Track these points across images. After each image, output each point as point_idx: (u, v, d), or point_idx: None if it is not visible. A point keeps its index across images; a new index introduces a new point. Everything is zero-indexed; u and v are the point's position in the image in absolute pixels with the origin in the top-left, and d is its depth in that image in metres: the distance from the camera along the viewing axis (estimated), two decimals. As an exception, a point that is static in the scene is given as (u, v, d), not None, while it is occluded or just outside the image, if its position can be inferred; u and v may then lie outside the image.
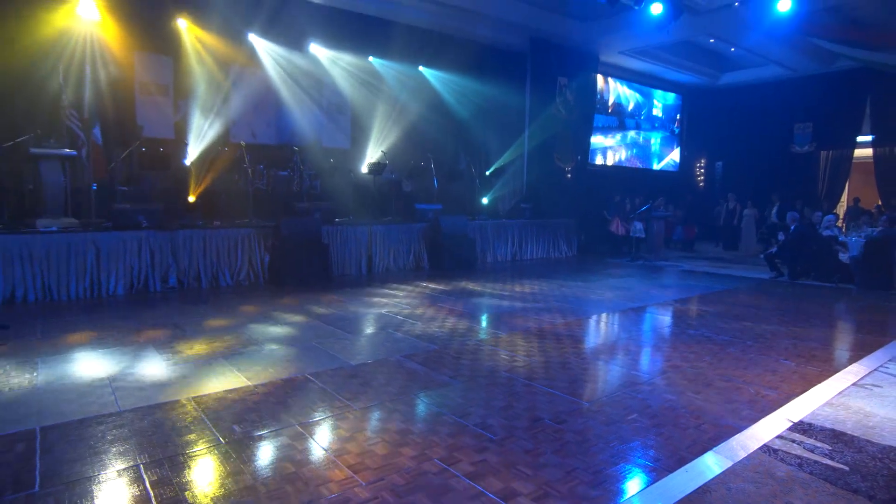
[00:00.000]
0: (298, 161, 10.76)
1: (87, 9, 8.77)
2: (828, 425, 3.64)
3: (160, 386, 4.11)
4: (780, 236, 10.88)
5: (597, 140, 15.78)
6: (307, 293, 7.89)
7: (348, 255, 9.82)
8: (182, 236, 8.09)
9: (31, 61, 8.46)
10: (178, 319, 6.18)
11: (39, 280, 7.06)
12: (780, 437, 3.44)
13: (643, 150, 17.21)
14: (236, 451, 3.11)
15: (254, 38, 10.65)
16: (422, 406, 3.83)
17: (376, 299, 7.59)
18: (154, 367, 4.53)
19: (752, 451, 3.24)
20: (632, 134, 16.73)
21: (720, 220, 16.05)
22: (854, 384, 4.48)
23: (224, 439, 3.25)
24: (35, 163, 7.67)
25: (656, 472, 2.96)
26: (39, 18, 8.42)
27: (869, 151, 14.98)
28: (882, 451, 3.29)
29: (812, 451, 3.24)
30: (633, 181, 16.65)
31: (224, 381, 4.22)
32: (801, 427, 3.60)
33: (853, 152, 15.31)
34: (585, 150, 15.01)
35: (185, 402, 3.81)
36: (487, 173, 13.69)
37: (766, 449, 3.27)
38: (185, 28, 9.92)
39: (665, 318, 6.93)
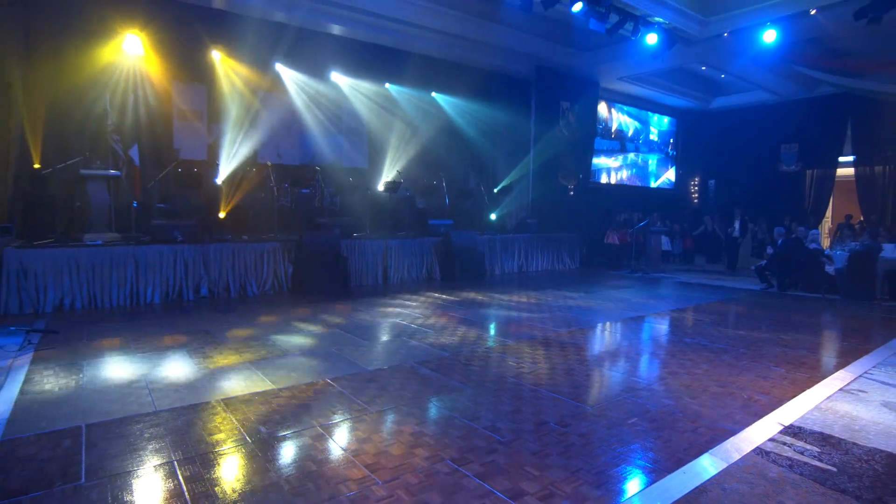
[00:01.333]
0: (320, 180, 10.83)
1: (132, 44, 8.98)
2: (816, 429, 3.59)
3: (193, 388, 4.13)
4: (769, 250, 10.79)
5: (601, 161, 16.08)
6: (327, 302, 7.91)
7: (365, 267, 9.84)
8: (213, 249, 8.16)
9: (83, 91, 8.68)
10: (208, 327, 6.23)
11: (85, 289, 7.16)
12: (772, 439, 3.39)
13: (641, 170, 17.51)
14: (262, 449, 3.12)
15: (280, 68, 10.79)
16: (434, 410, 3.82)
17: (391, 309, 7.60)
18: (187, 371, 4.56)
19: (745, 453, 3.20)
20: (631, 156, 17.07)
21: (703, 239, 15.98)
22: (841, 389, 4.41)
23: (251, 439, 3.26)
24: (83, 182, 7.83)
25: (655, 472, 2.93)
26: (90, 53, 8.63)
27: (851, 171, 14.90)
28: (868, 453, 3.23)
29: (802, 454, 3.20)
30: (631, 198, 16.65)
31: (250, 385, 4.23)
32: (791, 430, 3.55)
33: (836, 171, 15.24)
34: (587, 169, 15.01)
35: (215, 403, 3.83)
36: (495, 191, 13.70)
37: (759, 451, 3.22)
38: (219, 59, 10.09)
39: (663, 327, 6.87)
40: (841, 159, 15.04)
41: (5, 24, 7.74)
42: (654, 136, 17.78)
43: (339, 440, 3.28)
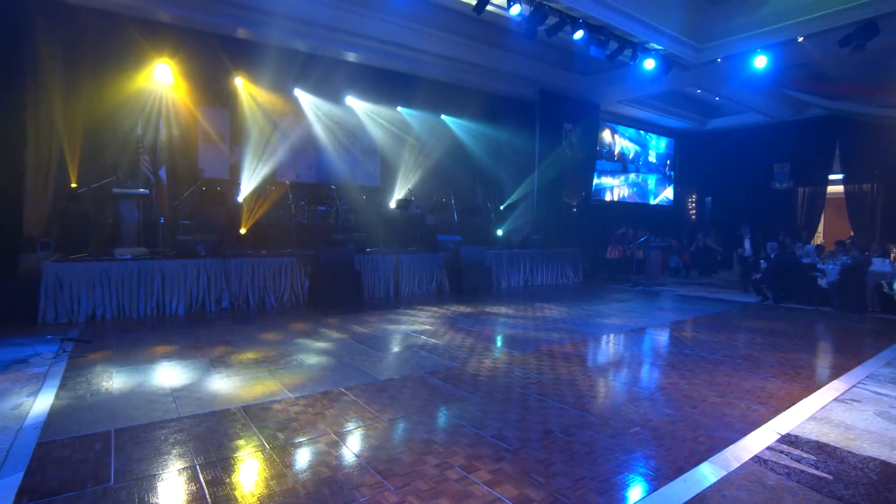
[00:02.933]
0: (335, 198, 10.90)
1: (163, 73, 9.15)
2: (813, 437, 3.53)
3: (214, 396, 4.14)
4: (763, 264, 10.70)
5: (605, 181, 16.30)
6: (341, 314, 7.92)
7: (378, 281, 9.86)
8: (234, 264, 8.22)
9: (117, 116, 8.87)
10: (229, 337, 6.25)
11: (115, 300, 7.24)
12: (769, 448, 3.34)
13: (641, 189, 17.75)
14: (280, 455, 3.12)
15: (299, 93, 10.93)
16: (443, 418, 3.80)
17: (402, 321, 7.59)
18: (209, 379, 4.58)
19: (744, 461, 3.15)
20: (632, 176, 17.34)
21: (698, 254, 15.90)
22: (835, 399, 4.35)
23: (269, 445, 3.26)
24: (116, 200, 7.95)
25: (657, 480, 2.89)
26: (125, 81, 8.81)
27: (841, 188, 14.84)
28: (862, 462, 3.18)
29: (799, 462, 3.15)
30: (632, 214, 16.64)
31: (269, 393, 4.24)
32: (788, 439, 3.49)
33: (826, 189, 15.19)
34: (589, 187, 15.02)
35: (235, 410, 3.83)
36: (502, 208, 13.72)
37: (757, 459, 3.18)
38: (241, 85, 10.24)
39: (663, 339, 6.82)
40: (831, 177, 15.02)
41: (52, 62, 7.93)
42: (652, 158, 18.08)
43: (353, 447, 3.27)
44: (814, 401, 4.30)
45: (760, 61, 9.95)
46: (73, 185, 8.31)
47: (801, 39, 9.48)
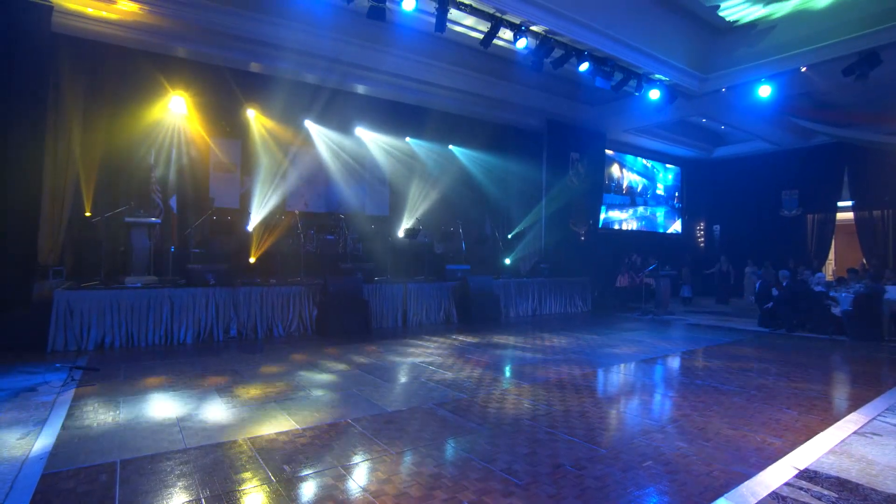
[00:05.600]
0: (344, 227, 10.98)
1: (177, 105, 9.40)
2: (833, 473, 3.43)
3: (220, 427, 4.11)
4: (775, 292, 10.57)
5: (614, 214, 16.35)
6: (349, 344, 7.89)
7: (386, 310, 9.83)
8: (242, 292, 8.24)
9: (132, 147, 9.09)
10: (237, 366, 6.23)
11: (124, 329, 7.26)
12: (787, 484, 3.25)
13: (650, 222, 17.80)
14: (286, 488, 3.07)
15: (309, 124, 11.14)
16: (452, 451, 3.74)
17: (411, 350, 7.54)
18: (216, 410, 4.55)
19: (761, 497, 3.06)
20: (641, 209, 17.40)
21: (715, 279, 15.96)
22: (855, 433, 4.23)
23: (275, 477, 3.21)
24: (128, 229, 8.05)
25: (671, 517, 2.81)
26: (141, 113, 9.05)
27: (851, 215, 14.75)
28: (887, 500, 3.07)
29: (820, 499, 3.05)
30: (640, 243, 16.60)
31: (275, 424, 4.20)
32: (807, 475, 3.39)
33: (836, 215, 15.12)
34: (596, 216, 15.06)
35: (241, 442, 3.80)
36: (510, 237, 13.75)
37: (776, 496, 3.08)
38: (253, 116, 10.47)
39: (674, 369, 6.71)
40: (840, 204, 14.95)
41: (72, 94, 8.19)
42: (660, 191, 18.12)
43: (360, 480, 3.21)
44: (832, 434, 4.19)
45: (765, 90, 10.06)
46: (87, 214, 8.45)
47: (804, 69, 9.59)
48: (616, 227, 16.41)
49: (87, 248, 8.61)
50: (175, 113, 9.48)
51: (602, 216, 15.48)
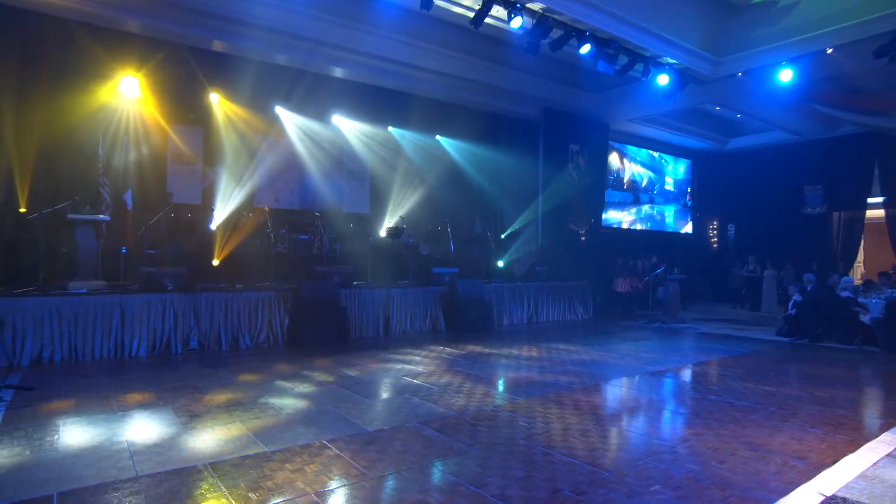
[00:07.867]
0: (319, 226, 10.93)
1: (129, 86, 9.26)
2: (864, 500, 3.44)
3: (178, 451, 4.04)
4: (797, 297, 10.66)
5: (612, 214, 16.17)
6: (325, 356, 7.83)
7: (366, 318, 9.78)
8: (204, 299, 8.15)
9: (76, 134, 8.93)
10: (197, 382, 6.15)
11: (66, 341, 7.13)
12: (811, 511, 3.25)
13: (658, 223, 17.51)
14: (251, 520, 3.02)
15: (280, 110, 11.08)
16: (439, 475, 3.71)
17: (393, 363, 7.50)
18: (172, 431, 4.47)
19: (782, 526, 3.06)
20: (646, 208, 17.13)
21: (736, 282, 15.86)
22: (888, 455, 4.26)
23: (239, 508, 3.16)
24: (71, 228, 7.91)
25: (683, 548, 2.80)
26: (85, 95, 8.90)
27: (881, 212, 14.87)
28: (921, 528, 3.09)
29: (846, 527, 3.06)
30: (647, 243, 16.66)
31: (241, 447, 4.13)
32: (834, 502, 3.40)
33: (865, 213, 15.21)
34: (598, 213, 15.12)
35: (201, 468, 3.73)
36: (503, 237, 13.77)
37: (798, 524, 3.09)
38: (217, 102, 10.38)
39: (685, 383, 6.74)
40: (870, 200, 15.04)
41: (2, 73, 8.02)
42: (669, 186, 17.86)
43: (335, 510, 3.17)
44: (862, 456, 4.21)
45: (786, 75, 10.14)
46: (22, 210, 8.28)
47: (830, 51, 9.67)
48: (616, 227, 16.37)
49: (22, 249, 8.42)
50: (127, 96, 9.35)
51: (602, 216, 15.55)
